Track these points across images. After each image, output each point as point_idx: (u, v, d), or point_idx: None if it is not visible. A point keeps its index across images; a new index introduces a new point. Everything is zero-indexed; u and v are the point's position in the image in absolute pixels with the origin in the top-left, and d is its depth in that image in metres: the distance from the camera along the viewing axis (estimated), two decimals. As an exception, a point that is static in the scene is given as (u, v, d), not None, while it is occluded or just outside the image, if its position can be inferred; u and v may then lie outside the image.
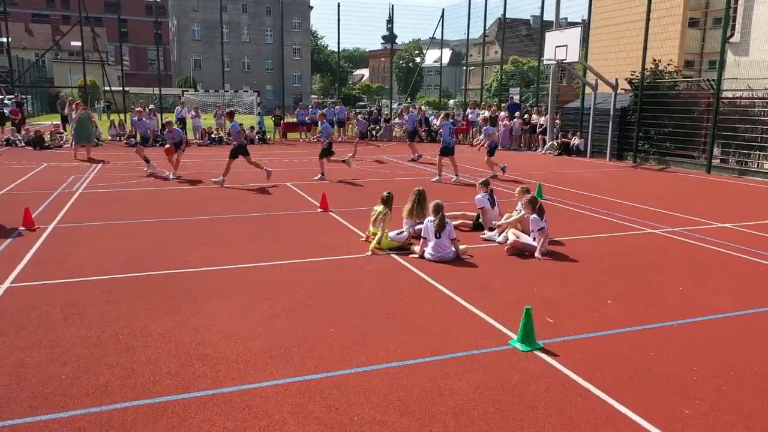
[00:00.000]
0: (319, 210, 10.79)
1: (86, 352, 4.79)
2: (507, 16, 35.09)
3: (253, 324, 5.41)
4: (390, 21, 40.85)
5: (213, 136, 25.27)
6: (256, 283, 6.59)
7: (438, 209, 7.66)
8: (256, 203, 11.57)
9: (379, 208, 8.33)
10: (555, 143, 22.12)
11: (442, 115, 15.57)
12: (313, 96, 76.81)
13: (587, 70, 21.35)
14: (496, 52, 68.74)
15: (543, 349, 4.90)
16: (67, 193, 12.39)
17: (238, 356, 4.73)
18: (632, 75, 19.70)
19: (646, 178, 16.48)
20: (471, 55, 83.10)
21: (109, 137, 25.99)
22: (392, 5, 31.31)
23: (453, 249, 7.63)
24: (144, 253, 7.76)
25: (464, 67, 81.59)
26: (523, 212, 8.61)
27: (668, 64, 19.96)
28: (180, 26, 77.01)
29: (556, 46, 19.88)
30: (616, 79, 19.90)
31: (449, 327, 5.38)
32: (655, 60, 19.49)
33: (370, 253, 7.86)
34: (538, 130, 23.62)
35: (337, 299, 6.10)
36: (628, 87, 20.21)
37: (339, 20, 30.91)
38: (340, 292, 6.34)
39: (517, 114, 24.70)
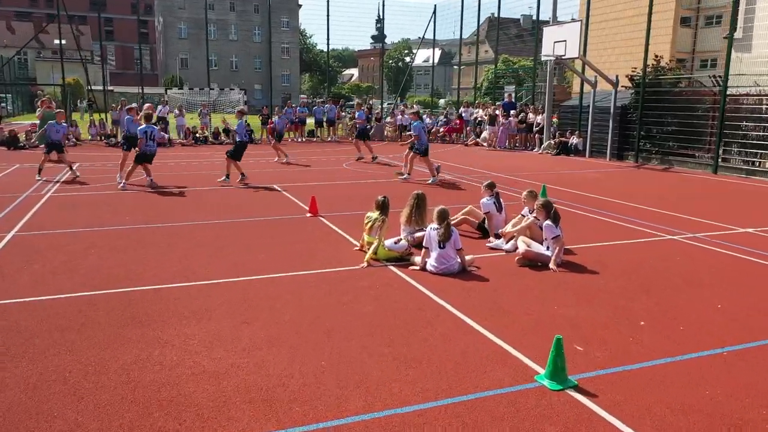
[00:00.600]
0: (308, 215, 9.94)
1: (22, 397, 3.91)
2: (497, 15, 34.53)
3: (229, 356, 4.55)
4: (379, 20, 40.03)
5: (197, 135, 24.31)
6: (234, 303, 5.73)
7: (443, 216, 6.83)
8: (239, 208, 10.69)
9: (374, 214, 7.49)
10: (553, 142, 21.37)
11: (412, 115, 14.74)
12: (302, 96, 75.88)
13: (586, 67, 20.62)
14: (486, 51, 68.25)
15: (577, 388, 4.09)
16: (35, 197, 11.45)
17: (209, 401, 3.87)
18: (633, 71, 19.00)
19: (650, 178, 15.75)
20: (461, 54, 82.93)
21: (89, 137, 24.95)
22: (382, 2, 30.34)
23: (458, 260, 6.82)
24: (109, 267, 6.87)
25: (456, 66, 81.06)
26: (531, 218, 7.81)
27: (670, 61, 19.24)
28: (166, 24, 75.68)
29: (555, 42, 19.13)
30: (617, 76, 19.18)
31: (462, 358, 4.56)
32: (656, 56, 18.78)
33: (365, 264, 7.02)
34: (535, 129, 22.88)
35: (329, 323, 5.25)
36: (629, 84, 19.50)
37: (328, 15, 30.05)
38: (332, 313, 5.50)
39: (512, 112, 23.93)
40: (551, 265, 7.00)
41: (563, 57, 19.00)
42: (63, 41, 28.59)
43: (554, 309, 5.68)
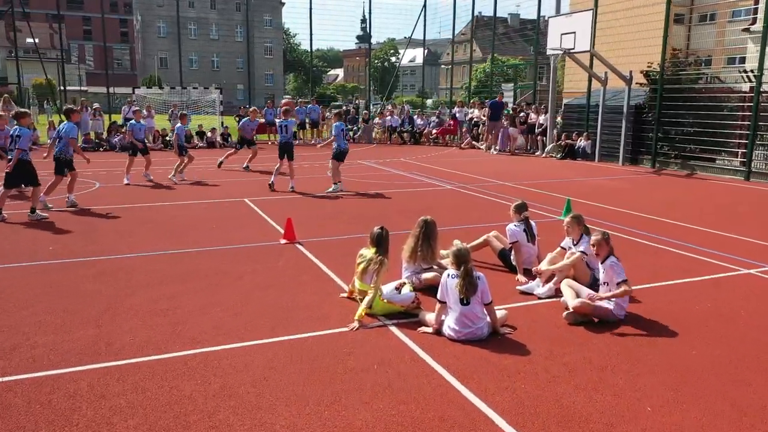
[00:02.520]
0: (283, 241, 7.90)
1: None
2: (483, 14, 32.71)
3: None
4: (364, 20, 38.10)
5: (168, 138, 22.10)
6: (173, 399, 3.69)
7: (462, 259, 4.86)
8: (196, 231, 8.60)
9: (369, 252, 5.49)
10: (559, 145, 19.48)
11: (333, 116, 12.86)
12: (286, 96, 73.75)
13: (593, 62, 18.78)
14: (474, 50, 66.43)
15: None
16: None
17: None
18: (649, 66, 17.16)
19: (676, 186, 13.88)
20: (448, 53, 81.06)
21: (48, 141, 22.61)
22: (369, 2, 28.50)
23: (487, 320, 4.84)
24: (2, 340, 4.80)
25: (447, 66, 79.34)
26: (578, 252, 5.86)
27: (689, 55, 17.44)
28: (145, 23, 73.18)
29: (562, 34, 17.25)
30: (630, 72, 17.34)
31: None
32: (675, 50, 16.97)
33: (356, 325, 5.01)
34: (537, 130, 20.98)
35: (301, 453, 3.23)
36: (643, 81, 17.66)
37: (311, 8, 28.02)
38: (308, 423, 3.49)
39: (505, 114, 21.99)
40: (614, 313, 5.07)
41: (572, 51, 17.11)
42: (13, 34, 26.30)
43: (647, 412, 3.71)
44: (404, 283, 5.59)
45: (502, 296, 5.75)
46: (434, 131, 25.46)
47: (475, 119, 23.79)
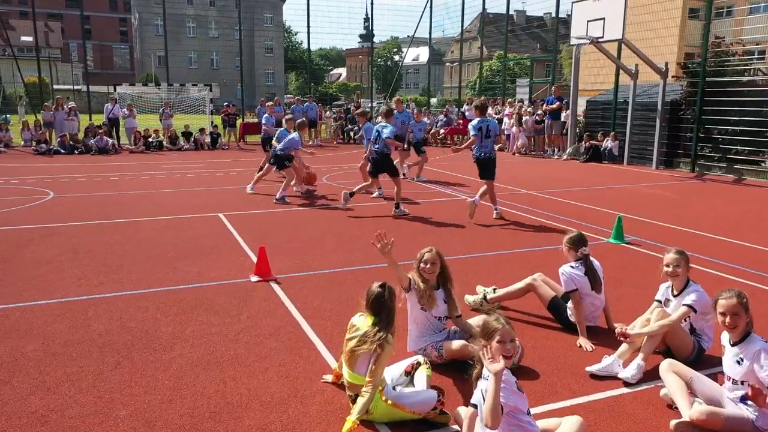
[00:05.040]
0: (254, 278, 5.94)
1: None
2: (489, 11, 30.65)
3: None
4: (367, 19, 36.43)
5: (151, 140, 20.18)
6: None
7: (507, 336, 2.92)
8: (141, 264, 6.62)
9: (364, 323, 3.52)
10: (582, 146, 17.47)
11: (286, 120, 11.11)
12: (288, 96, 71.95)
13: (620, 52, 16.78)
14: (480, 47, 64.41)
15: None
16: None
17: None
18: (688, 58, 15.15)
19: (731, 195, 11.83)
20: (452, 51, 79.08)
21: (22, 142, 20.71)
22: (371, 0, 26.76)
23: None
24: None
25: (451, 64, 77.39)
26: (682, 308, 3.93)
27: (733, 44, 15.40)
28: (142, 21, 71.46)
29: (589, 21, 15.25)
30: (666, 64, 15.33)
31: None
32: (717, 38, 14.97)
33: (344, 446, 3.07)
34: (553, 131, 18.94)
35: None
36: (679, 74, 15.68)
37: (308, 3, 26.05)
38: None
39: (529, 110, 20.02)
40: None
41: (600, 39, 15.11)
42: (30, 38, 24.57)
43: None
44: (418, 363, 3.65)
45: (563, 382, 3.80)
46: (442, 131, 23.50)
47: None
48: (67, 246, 7.24)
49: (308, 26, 27.04)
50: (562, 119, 18.48)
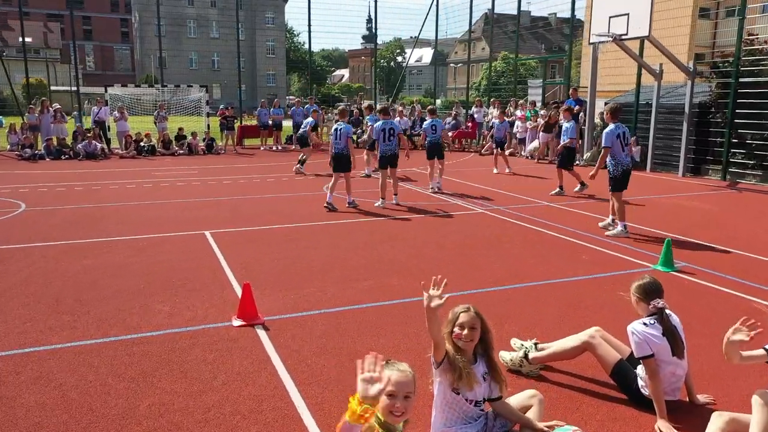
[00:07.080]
0: (236, 323, 4.85)
1: None
2: (495, 11, 29.49)
3: None
4: (370, 20, 35.46)
5: (142, 144, 19.11)
6: None
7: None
8: (103, 301, 5.55)
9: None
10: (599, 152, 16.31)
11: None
12: (290, 97, 70.95)
13: (643, 50, 15.67)
14: (483, 48, 63.27)
15: None
16: None
17: None
18: (719, 56, 14.06)
19: (771, 207, 10.75)
20: (456, 52, 77.99)
21: (8, 146, 19.65)
22: (374, 1, 25.72)
23: None
24: None
25: (455, 65, 76.26)
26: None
27: (765, 42, 14.28)
28: (143, 21, 70.48)
29: (611, 17, 14.15)
30: (694, 63, 14.23)
31: None
32: (751, 35, 13.87)
33: None
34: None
35: None
36: (708, 75, 14.57)
37: (310, 3, 24.97)
38: None
39: (542, 113, 18.88)
40: None
41: (623, 37, 14.00)
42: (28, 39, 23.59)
43: None
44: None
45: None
46: (450, 134, 22.38)
47: (494, 120, 20.60)
48: (22, 275, 6.16)
49: (309, 27, 26.13)
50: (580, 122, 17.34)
